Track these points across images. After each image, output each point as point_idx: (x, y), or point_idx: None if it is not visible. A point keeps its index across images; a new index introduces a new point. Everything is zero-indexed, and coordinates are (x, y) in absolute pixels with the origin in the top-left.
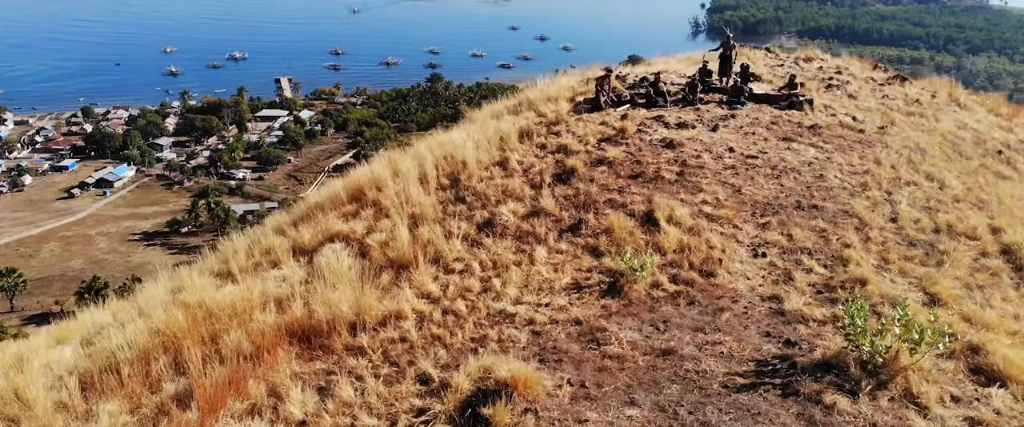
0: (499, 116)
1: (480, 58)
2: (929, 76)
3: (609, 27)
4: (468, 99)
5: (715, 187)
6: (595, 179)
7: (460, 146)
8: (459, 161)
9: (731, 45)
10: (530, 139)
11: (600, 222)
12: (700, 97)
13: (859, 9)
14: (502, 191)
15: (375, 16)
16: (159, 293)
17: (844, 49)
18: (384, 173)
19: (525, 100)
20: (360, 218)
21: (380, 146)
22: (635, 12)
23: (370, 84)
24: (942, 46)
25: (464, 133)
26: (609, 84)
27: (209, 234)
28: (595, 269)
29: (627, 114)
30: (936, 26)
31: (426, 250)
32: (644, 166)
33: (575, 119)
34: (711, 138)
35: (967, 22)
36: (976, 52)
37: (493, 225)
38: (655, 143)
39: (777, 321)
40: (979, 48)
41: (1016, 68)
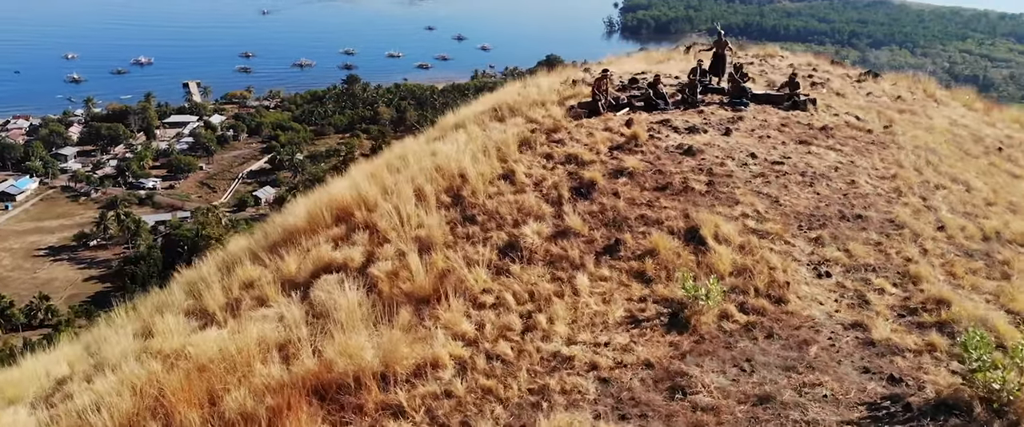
0: (482, 123)
1: (397, 58)
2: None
3: (525, 27)
4: (387, 100)
5: (751, 198)
6: (619, 192)
7: (454, 157)
8: (455, 174)
9: (724, 43)
10: (532, 149)
11: (639, 242)
12: (700, 98)
13: (767, 7)
14: (517, 209)
15: (286, 17)
16: (124, 340)
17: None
18: (371, 190)
19: (505, 105)
20: (354, 244)
21: (296, 150)
22: (550, 12)
23: (283, 87)
24: (847, 41)
25: (452, 143)
26: (606, 87)
27: (119, 247)
28: (649, 298)
29: (631, 119)
30: (840, 22)
31: (446, 281)
32: (668, 176)
33: (575, 125)
34: (727, 143)
35: (869, 17)
36: (879, 46)
37: (517, 249)
38: (672, 150)
39: (870, 353)
40: (882, 42)
41: (917, 60)
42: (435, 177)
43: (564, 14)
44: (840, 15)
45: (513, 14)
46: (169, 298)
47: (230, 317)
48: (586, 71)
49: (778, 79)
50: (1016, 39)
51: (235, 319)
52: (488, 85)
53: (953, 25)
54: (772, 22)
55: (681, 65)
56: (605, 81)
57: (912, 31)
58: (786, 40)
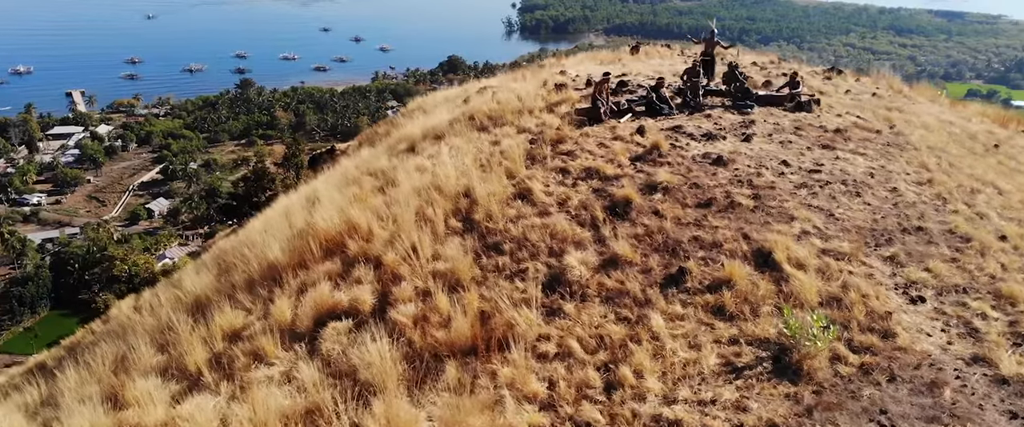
0: (461, 134)
1: (293, 61)
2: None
3: (424, 27)
4: (284, 104)
5: (804, 212)
6: (660, 211)
7: (452, 174)
8: (458, 194)
9: (715, 43)
10: (540, 163)
11: (706, 271)
12: (703, 101)
13: (659, 5)
14: (549, 235)
15: (173, 21)
16: (90, 413)
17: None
18: (361, 215)
19: (482, 113)
20: (358, 282)
21: (190, 159)
22: (448, 13)
23: (173, 93)
24: (737, 37)
25: (431, 157)
26: (607, 91)
27: (4, 268)
28: (741, 340)
29: (643, 126)
30: (730, 19)
31: (490, 326)
32: (707, 191)
33: (580, 134)
34: (752, 150)
35: (757, 14)
36: (767, 42)
37: (562, 283)
38: (700, 160)
39: (1007, 394)
40: (770, 38)
41: (805, 55)
42: (435, 198)
43: (462, 15)
44: (729, 12)
45: (411, 15)
46: (131, 352)
47: (222, 379)
48: (562, 73)
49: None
50: (896, 32)
51: (229, 381)
52: (391, 87)
53: (836, 20)
54: (665, 20)
55: (639, 65)
56: (606, 85)
57: (798, 27)
58: (679, 38)
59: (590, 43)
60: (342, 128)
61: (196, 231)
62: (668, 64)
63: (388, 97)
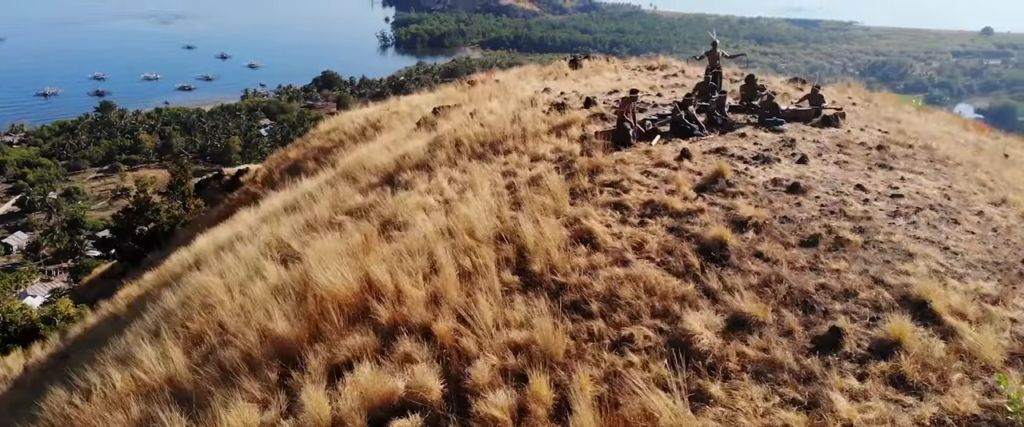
0: (448, 162)
1: (155, 81)
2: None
3: (295, 43)
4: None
5: (918, 246)
6: (764, 254)
7: (481, 212)
8: (492, 238)
9: (718, 55)
10: (583, 196)
11: (860, 329)
12: (730, 119)
13: (532, 20)
14: (643, 289)
15: (22, 43)
16: None
17: (524, 57)
18: (376, 269)
19: (469, 137)
20: (408, 359)
21: (49, 188)
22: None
23: (27, 119)
24: (609, 49)
25: (445, 190)
26: (634, 111)
27: None
28: (946, 419)
29: (686, 150)
30: (600, 32)
31: (620, 418)
32: (801, 225)
33: (615, 161)
34: (815, 174)
35: (626, 27)
36: (637, 53)
37: (692, 355)
38: (772, 188)
39: None
40: (640, 49)
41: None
42: (469, 245)
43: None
44: (600, 25)
45: (278, 31)
46: None
47: None
48: (546, 91)
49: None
50: (757, 40)
51: None
52: (263, 105)
53: (701, 30)
54: (539, 34)
55: (598, 81)
56: (633, 104)
57: (665, 38)
58: (554, 51)
59: (467, 57)
60: (212, 150)
61: (59, 266)
62: (629, 79)
63: (260, 115)
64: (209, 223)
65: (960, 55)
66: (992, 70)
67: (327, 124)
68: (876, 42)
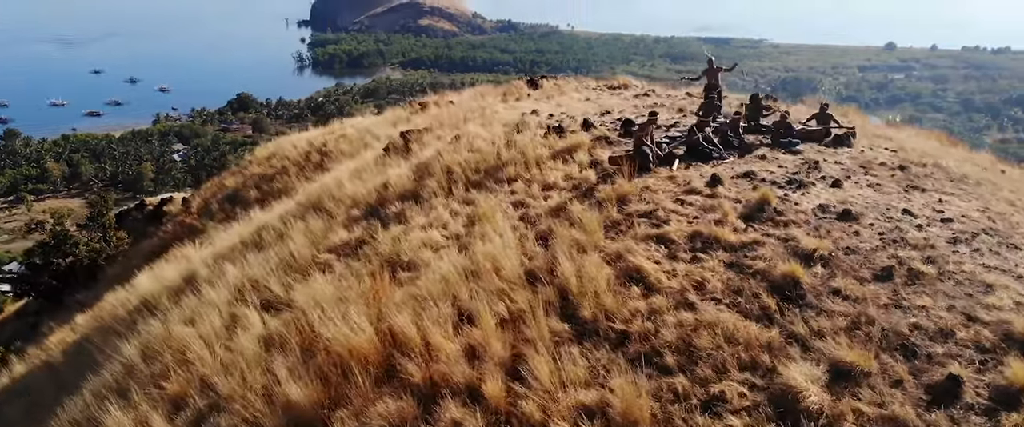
0: (441, 191)
1: (61, 107)
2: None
3: (209, 66)
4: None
5: (993, 277)
6: (839, 290)
7: (512, 249)
8: (521, 276)
9: (717, 71)
10: (620, 230)
11: (975, 376)
12: (746, 140)
13: (452, 40)
14: (723, 336)
15: None
16: None
17: (445, 77)
18: (398, 319)
19: (459, 164)
20: None
21: None
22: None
23: None
24: (529, 69)
25: (450, 224)
26: (653, 135)
27: None
28: None
29: (717, 175)
30: (520, 52)
31: None
32: (868, 257)
33: (640, 188)
34: (856, 198)
35: (545, 47)
36: (558, 72)
37: (803, 414)
38: (822, 216)
39: None
40: (560, 68)
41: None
42: (499, 287)
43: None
44: (520, 45)
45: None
46: None
47: None
48: (535, 114)
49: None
50: (671, 59)
51: None
52: (176, 129)
53: (617, 50)
54: (460, 54)
55: (569, 101)
56: (652, 128)
57: (584, 57)
58: (475, 70)
59: (387, 77)
60: (124, 177)
61: None
62: (598, 99)
63: (173, 140)
64: (143, 259)
65: (866, 69)
66: (897, 83)
67: (264, 149)
68: (785, 58)
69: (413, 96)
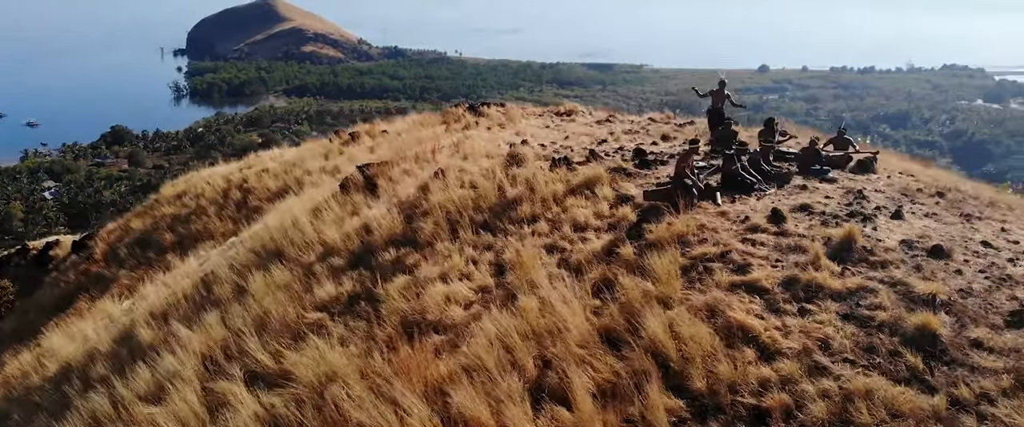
0: (446, 236)
1: None
2: None
3: (80, 99)
4: None
5: None
6: (981, 341)
7: (574, 309)
8: (602, 336)
9: (725, 95)
10: (690, 276)
11: None
12: (777, 169)
13: (338, 67)
14: (884, 408)
15: None
16: None
17: (333, 104)
18: (470, 400)
19: (457, 203)
20: None
21: None
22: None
23: None
24: (419, 95)
25: (475, 275)
26: (694, 165)
27: None
28: None
29: (777, 209)
30: (409, 78)
31: None
32: (985, 299)
33: (695, 226)
34: (927, 230)
35: (434, 73)
36: (448, 99)
37: None
38: (910, 252)
39: None
40: (450, 95)
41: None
42: (576, 354)
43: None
44: (409, 71)
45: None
46: None
47: None
48: (524, 143)
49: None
50: (559, 85)
51: None
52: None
53: (505, 76)
54: (347, 81)
55: (531, 127)
56: (692, 158)
57: (473, 83)
58: (363, 97)
59: (271, 105)
60: None
61: None
62: (575, 127)
63: (43, 177)
64: (43, 313)
65: (742, 91)
66: (771, 104)
67: (172, 187)
68: (666, 82)
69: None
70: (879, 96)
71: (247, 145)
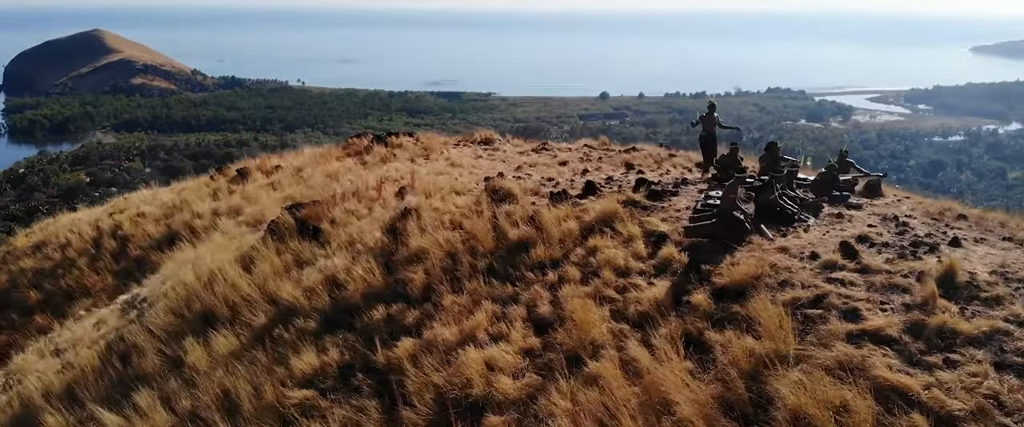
0: (418, 285)
1: None
2: (259, 153)
3: None
4: None
5: None
6: None
7: (653, 365)
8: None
9: (715, 120)
10: (802, 331)
11: None
12: (806, 197)
13: (171, 99)
14: None
15: None
16: None
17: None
18: None
19: (438, 249)
20: None
21: None
22: None
23: None
24: (261, 127)
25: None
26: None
27: None
28: None
29: (848, 243)
30: (249, 109)
31: None
32: None
33: (765, 266)
34: (1002, 259)
35: (276, 103)
36: (292, 129)
37: None
38: (1012, 286)
39: None
40: (294, 125)
41: (331, 139)
42: None
43: None
44: (248, 102)
45: None
46: None
47: None
48: (501, 176)
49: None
50: (409, 113)
51: None
52: None
53: (353, 105)
54: (181, 113)
55: (460, 157)
56: (740, 188)
57: (319, 112)
58: (199, 130)
59: (99, 141)
60: None
61: None
62: (517, 157)
63: None
64: None
65: (586, 118)
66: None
67: (26, 237)
68: (514, 110)
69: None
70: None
71: (75, 185)
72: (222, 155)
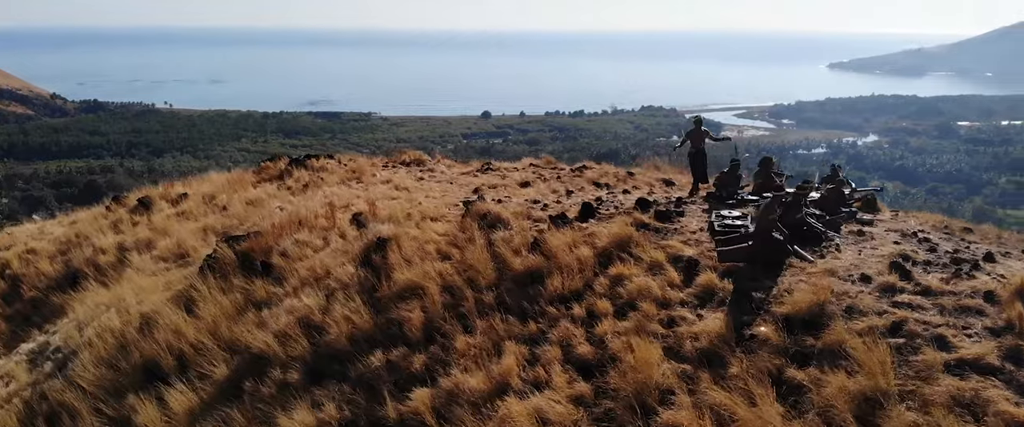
0: (416, 325)
1: None
2: (128, 182)
3: None
4: None
5: None
6: None
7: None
8: None
9: (704, 134)
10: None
11: None
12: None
13: (28, 125)
14: None
15: None
16: None
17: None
18: None
19: (436, 286)
20: None
21: None
22: None
23: None
24: (127, 152)
25: None
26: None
27: None
28: None
29: (901, 267)
30: (113, 133)
31: None
32: None
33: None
34: None
35: (143, 126)
36: (160, 154)
37: None
38: None
39: None
40: (162, 149)
41: (201, 163)
42: None
43: None
44: (111, 126)
45: None
46: None
47: None
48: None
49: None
50: (285, 134)
51: None
52: None
53: (225, 127)
54: (40, 139)
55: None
56: (777, 209)
57: (189, 136)
58: (60, 157)
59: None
60: None
61: None
62: (473, 179)
63: None
64: None
65: (469, 136)
66: (497, 147)
67: None
68: (396, 130)
69: None
70: (590, 137)
71: None
72: (86, 183)
